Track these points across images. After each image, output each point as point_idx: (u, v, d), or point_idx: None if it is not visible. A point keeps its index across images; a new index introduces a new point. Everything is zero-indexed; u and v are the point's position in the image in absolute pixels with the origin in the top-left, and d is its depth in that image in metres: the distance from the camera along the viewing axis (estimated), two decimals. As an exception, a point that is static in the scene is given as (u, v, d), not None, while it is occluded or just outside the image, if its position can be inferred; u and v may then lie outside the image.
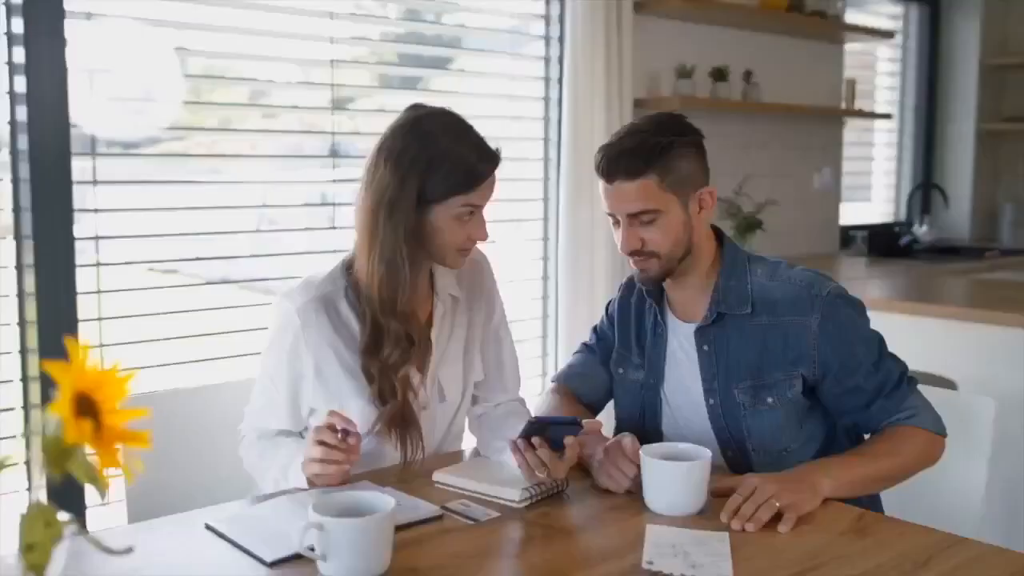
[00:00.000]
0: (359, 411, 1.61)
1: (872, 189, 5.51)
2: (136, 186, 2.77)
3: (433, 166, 1.56)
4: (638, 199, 1.64)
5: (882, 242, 4.83)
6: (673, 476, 1.45)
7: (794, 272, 1.74)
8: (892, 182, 5.55)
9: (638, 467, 1.51)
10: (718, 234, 1.79)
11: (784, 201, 4.31)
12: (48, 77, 2.44)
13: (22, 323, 2.50)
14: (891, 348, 1.74)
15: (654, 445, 1.54)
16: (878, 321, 1.78)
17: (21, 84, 2.42)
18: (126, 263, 2.67)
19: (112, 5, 2.57)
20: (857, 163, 5.30)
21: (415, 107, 1.64)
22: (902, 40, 5.43)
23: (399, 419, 1.62)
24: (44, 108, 2.44)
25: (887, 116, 5.01)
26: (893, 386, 1.68)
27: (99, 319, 2.60)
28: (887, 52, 5.42)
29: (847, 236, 4.91)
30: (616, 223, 1.70)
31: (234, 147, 2.99)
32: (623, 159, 1.63)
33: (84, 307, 2.56)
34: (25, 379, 2.51)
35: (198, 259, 2.82)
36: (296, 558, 1.25)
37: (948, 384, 2.75)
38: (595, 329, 1.98)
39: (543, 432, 1.47)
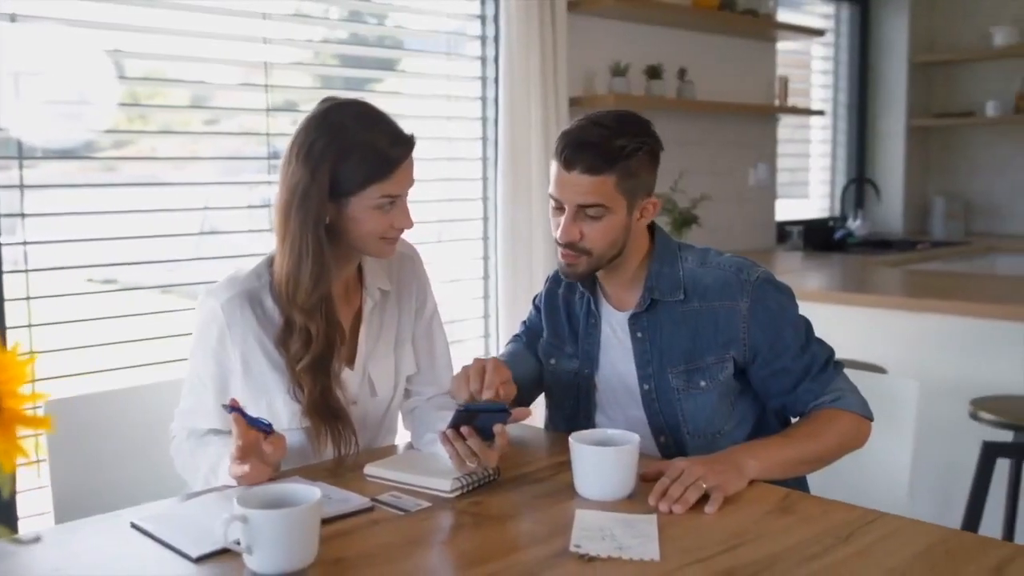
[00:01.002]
0: (286, 405, 1.61)
1: (810, 185, 5.61)
2: (73, 191, 2.73)
3: (344, 156, 1.55)
4: (592, 193, 1.64)
5: (817, 237, 4.93)
6: (601, 461, 1.47)
7: (723, 258, 1.78)
8: (828, 178, 5.66)
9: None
10: (650, 226, 1.81)
11: (721, 197, 4.38)
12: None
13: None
14: (824, 337, 1.78)
15: (584, 432, 1.55)
16: (812, 312, 1.81)
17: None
18: (57, 268, 2.63)
19: (40, 7, 2.53)
20: (794, 160, 5.40)
21: (326, 100, 1.63)
22: (834, 39, 5.54)
23: (325, 413, 1.61)
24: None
25: (820, 113, 5.11)
26: (819, 369, 1.72)
27: (29, 326, 2.56)
28: (821, 51, 5.52)
29: (784, 231, 4.99)
30: (558, 210, 1.70)
31: (172, 151, 2.96)
32: (587, 152, 1.63)
33: (16, 314, 2.52)
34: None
35: (134, 264, 2.77)
36: (223, 553, 1.24)
37: (878, 370, 2.81)
38: (524, 322, 2.01)
39: (471, 421, 1.47)
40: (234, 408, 1.45)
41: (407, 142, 1.61)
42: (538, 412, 1.93)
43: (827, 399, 1.69)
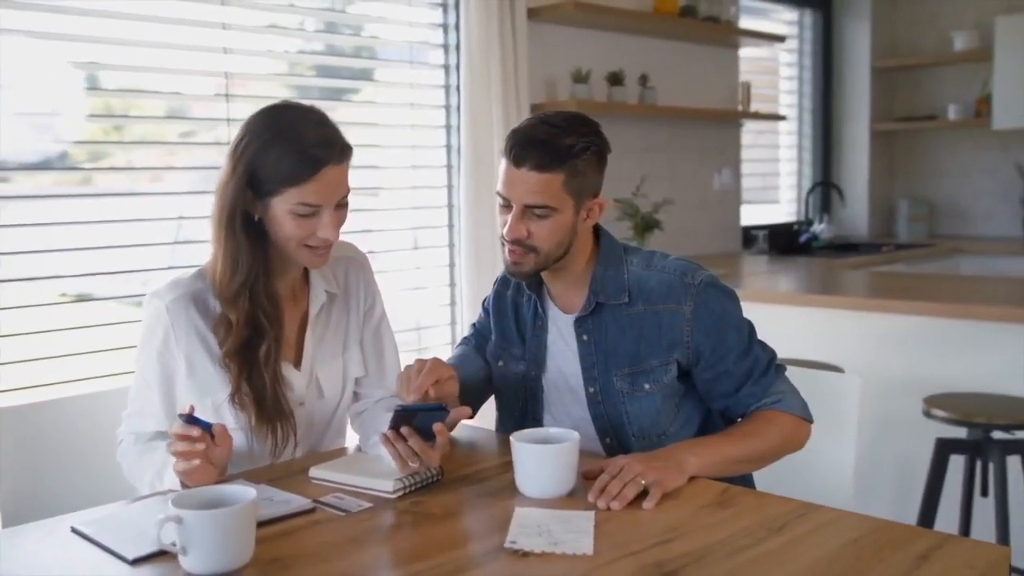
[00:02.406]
0: (230, 405, 1.62)
1: (780, 190, 5.66)
2: (47, 202, 2.74)
3: (263, 153, 1.56)
4: (539, 193, 1.66)
5: (783, 240, 4.98)
6: (541, 459, 1.48)
7: (668, 261, 1.80)
8: (795, 183, 5.71)
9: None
10: (595, 228, 1.83)
11: (685, 202, 4.41)
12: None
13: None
14: (782, 338, 1.81)
15: (526, 431, 1.57)
16: (770, 313, 1.85)
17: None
18: (26, 279, 2.62)
19: (8, 19, 2.54)
20: (762, 164, 5.45)
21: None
22: (798, 44, 5.60)
23: (265, 407, 1.62)
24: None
25: (782, 118, 5.16)
26: (761, 372, 1.74)
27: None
28: (787, 57, 5.58)
29: (750, 236, 5.03)
30: (506, 207, 1.71)
31: (148, 162, 2.97)
32: (536, 150, 1.65)
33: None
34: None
35: (106, 274, 2.77)
36: (160, 555, 1.25)
37: (835, 370, 2.84)
38: (473, 325, 2.03)
39: (410, 422, 1.49)
40: (190, 417, 1.46)
41: (327, 152, 1.57)
42: (489, 414, 1.95)
43: (768, 401, 1.72)
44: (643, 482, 1.46)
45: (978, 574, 1.19)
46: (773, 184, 5.63)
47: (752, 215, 5.23)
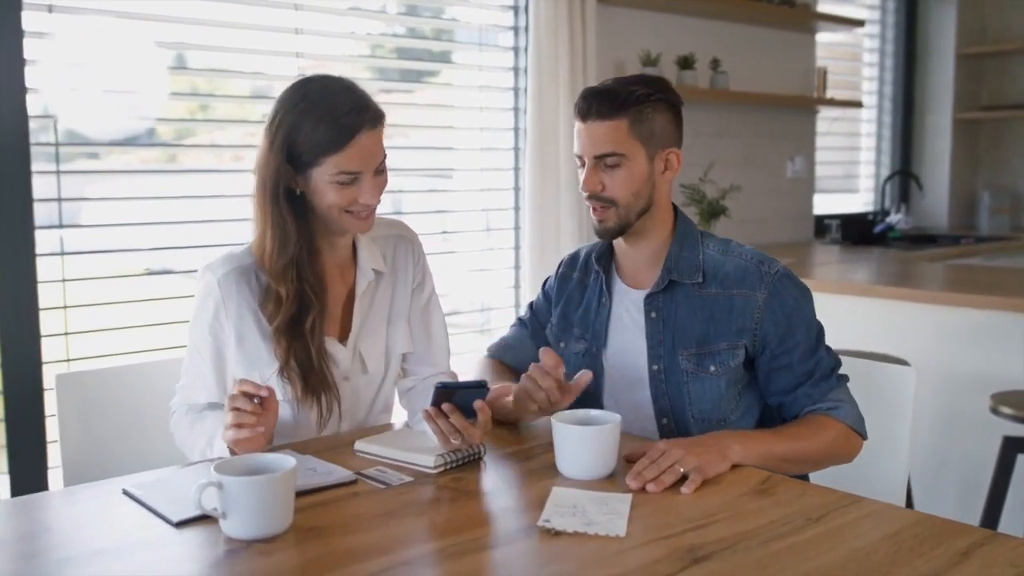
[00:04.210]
0: (280, 377, 1.66)
1: (859, 179, 5.54)
2: (134, 177, 2.85)
3: (298, 126, 1.58)
4: (605, 141, 1.69)
5: (856, 230, 4.86)
6: (581, 440, 1.49)
7: (745, 249, 1.79)
8: (873, 172, 5.58)
9: (556, 381, 1.58)
10: (674, 208, 1.84)
11: (756, 189, 4.35)
12: (5, 69, 2.49)
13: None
14: (848, 329, 1.78)
15: (567, 412, 1.57)
16: (837, 304, 1.82)
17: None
18: (92, 252, 2.72)
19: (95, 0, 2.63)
20: (839, 153, 5.34)
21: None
22: (880, 30, 5.46)
23: (311, 379, 1.65)
24: (2, 99, 2.49)
25: (858, 104, 5.04)
26: (822, 376, 1.71)
27: (64, 307, 2.65)
28: (870, 43, 5.45)
29: (823, 225, 4.94)
30: (582, 166, 1.75)
31: (228, 140, 3.06)
32: (597, 99, 1.70)
33: (50, 296, 2.61)
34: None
35: (178, 248, 2.87)
36: (203, 519, 1.29)
37: (900, 363, 2.78)
38: (530, 305, 2.03)
39: (450, 398, 1.50)
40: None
41: (361, 115, 1.58)
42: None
43: (823, 406, 1.69)
44: (681, 469, 1.45)
45: (1019, 573, 1.16)
46: (851, 173, 5.51)
47: (829, 204, 5.13)
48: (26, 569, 1.19)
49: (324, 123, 1.57)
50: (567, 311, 1.90)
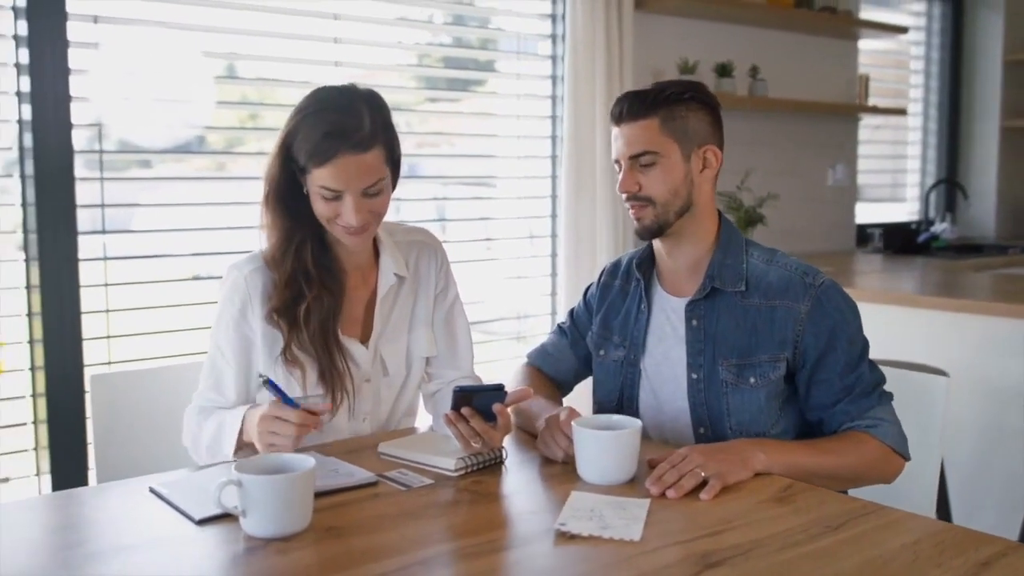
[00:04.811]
0: (283, 359, 1.68)
1: (906, 188, 5.47)
2: (183, 184, 2.92)
3: (293, 132, 1.61)
4: (639, 140, 1.70)
5: (899, 240, 4.79)
6: (601, 445, 1.49)
7: (791, 260, 1.76)
8: (918, 180, 5.50)
9: (572, 441, 1.55)
10: (719, 215, 1.82)
11: (796, 198, 4.31)
12: (51, 77, 2.55)
13: (30, 314, 2.62)
14: (887, 339, 1.74)
15: (589, 416, 1.58)
16: (878, 313, 1.79)
17: (26, 84, 2.53)
18: (131, 257, 2.79)
19: (119, 8, 2.69)
20: (883, 161, 5.27)
21: None
22: (926, 37, 5.39)
23: (323, 368, 1.67)
24: (47, 107, 2.55)
25: (901, 112, 4.97)
26: (862, 393, 1.67)
27: (107, 311, 2.71)
28: (916, 50, 5.38)
29: (865, 234, 4.88)
30: (620, 169, 1.75)
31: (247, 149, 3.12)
32: (630, 100, 1.72)
33: (92, 300, 2.68)
34: (33, 368, 2.63)
35: (211, 254, 2.91)
36: (224, 517, 1.31)
37: (940, 374, 2.74)
38: (571, 312, 2.02)
39: (469, 402, 1.51)
40: (272, 384, 1.53)
41: (343, 138, 1.56)
42: (586, 399, 1.95)
43: (862, 423, 1.65)
44: (702, 474, 1.45)
45: (1039, 584, 1.15)
46: (897, 182, 5.44)
47: (875, 213, 5.07)
48: (53, 562, 1.23)
49: (315, 134, 1.58)
50: (607, 319, 1.89)
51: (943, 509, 2.90)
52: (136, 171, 2.87)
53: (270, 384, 1.53)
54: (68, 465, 2.62)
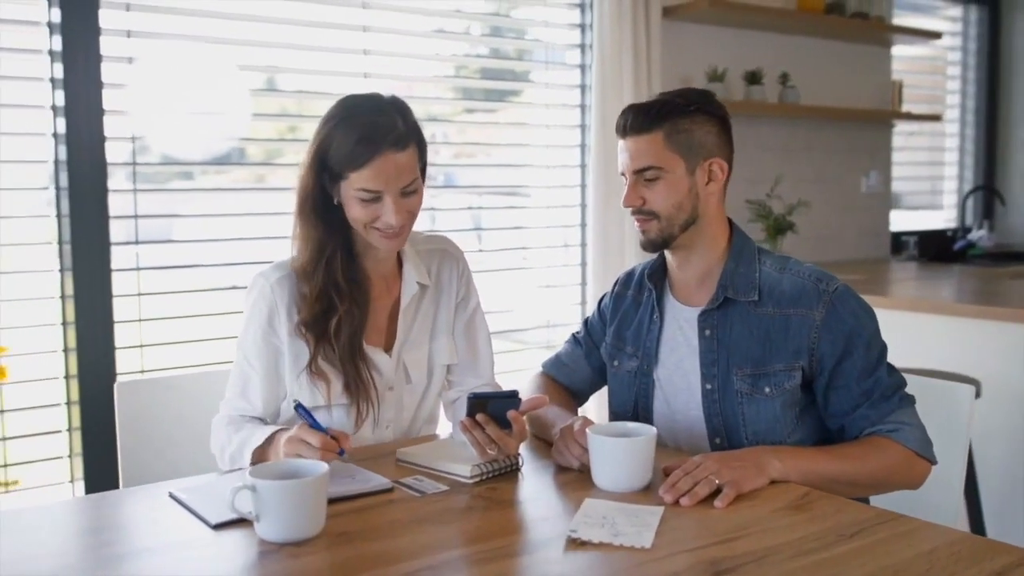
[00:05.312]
0: (308, 373, 1.70)
1: (943, 195, 5.41)
2: (223, 195, 2.98)
3: (328, 139, 1.63)
4: (642, 155, 1.69)
5: (934, 247, 4.73)
6: (615, 452, 1.49)
7: (804, 267, 1.74)
8: (955, 187, 5.44)
9: (587, 449, 1.55)
10: (730, 223, 1.81)
11: (829, 205, 4.28)
12: (84, 91, 2.61)
13: (64, 324, 2.67)
14: (917, 347, 1.71)
15: (603, 424, 1.58)
16: (907, 321, 1.75)
17: (61, 98, 2.59)
18: (163, 267, 2.84)
19: (152, 23, 2.75)
20: (919, 168, 5.22)
21: None
22: (962, 42, 5.33)
23: (349, 381, 1.69)
24: (80, 120, 2.61)
25: (936, 118, 4.91)
26: (882, 397, 1.64)
27: (139, 320, 2.76)
28: (952, 55, 5.32)
29: (899, 242, 4.82)
30: (626, 181, 1.75)
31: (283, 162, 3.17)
32: (632, 114, 1.70)
33: (125, 309, 2.73)
34: (67, 376, 2.68)
35: (245, 264, 2.95)
36: (240, 522, 1.33)
37: (971, 383, 2.70)
38: (585, 322, 2.02)
39: (484, 409, 1.52)
40: (302, 408, 1.56)
41: (382, 136, 1.60)
42: (604, 409, 1.95)
43: (883, 428, 1.62)
44: (717, 481, 1.44)
45: (1053, 594, 1.13)
46: (935, 188, 5.38)
47: (911, 220, 5.01)
48: (72, 564, 1.25)
49: (349, 139, 1.61)
50: (621, 329, 1.89)
51: (976, 520, 2.85)
52: (176, 183, 2.92)
53: (301, 409, 1.56)
54: (101, 472, 2.67)
